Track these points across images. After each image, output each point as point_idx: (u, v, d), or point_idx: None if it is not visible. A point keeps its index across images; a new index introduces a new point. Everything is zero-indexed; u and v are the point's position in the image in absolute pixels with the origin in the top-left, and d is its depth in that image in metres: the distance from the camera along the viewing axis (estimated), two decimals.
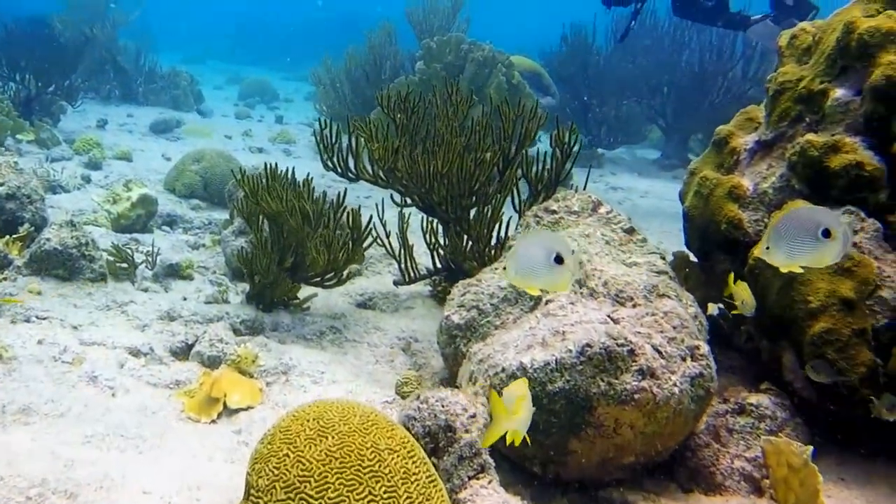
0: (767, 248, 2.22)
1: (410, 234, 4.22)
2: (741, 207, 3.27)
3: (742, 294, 2.66)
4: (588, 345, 2.38)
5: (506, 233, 3.92)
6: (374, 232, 4.05)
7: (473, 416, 2.28)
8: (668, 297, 2.79)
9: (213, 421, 2.88)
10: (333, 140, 4.25)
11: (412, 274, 4.28)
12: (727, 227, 3.25)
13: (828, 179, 2.99)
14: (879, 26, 2.97)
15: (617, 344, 2.38)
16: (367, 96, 9.20)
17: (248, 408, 2.97)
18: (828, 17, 3.38)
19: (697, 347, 2.52)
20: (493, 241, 3.99)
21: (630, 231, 3.19)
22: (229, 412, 2.94)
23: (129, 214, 5.27)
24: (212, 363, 3.32)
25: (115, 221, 5.24)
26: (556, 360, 2.39)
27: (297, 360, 3.37)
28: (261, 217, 3.89)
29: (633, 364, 2.37)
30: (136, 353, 3.33)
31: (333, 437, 1.85)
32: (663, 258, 3.07)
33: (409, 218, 4.21)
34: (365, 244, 4.02)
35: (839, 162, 2.94)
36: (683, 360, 2.46)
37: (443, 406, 2.29)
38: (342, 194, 4.03)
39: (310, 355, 3.46)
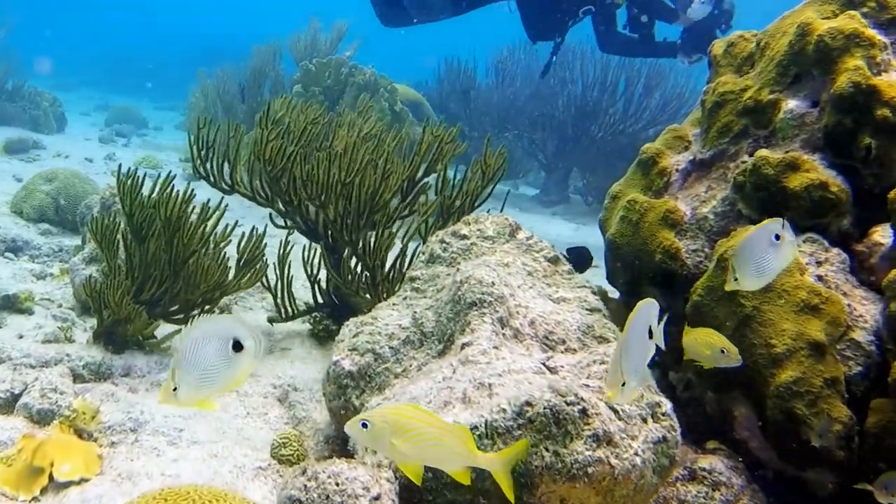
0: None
1: (287, 263, 3.68)
2: (678, 235, 2.83)
3: (717, 341, 2.10)
4: (528, 403, 1.83)
5: (409, 264, 3.38)
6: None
7: (377, 497, 1.74)
8: (607, 339, 2.31)
9: (35, 499, 2.24)
10: (210, 141, 3.69)
11: (290, 310, 3.71)
12: (662, 258, 2.80)
13: (785, 202, 2.55)
14: (842, 28, 2.57)
15: (566, 402, 1.82)
16: (240, 119, 8.55)
17: (82, 480, 2.32)
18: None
19: (658, 404, 2.00)
20: (394, 273, 3.47)
21: (554, 261, 2.71)
22: (56, 486, 2.29)
23: None
24: (42, 418, 2.67)
25: None
26: (486, 424, 1.84)
27: (151, 413, 2.75)
28: (117, 238, 3.28)
29: (587, 428, 1.82)
30: None
31: None
32: (594, 293, 2.60)
33: (291, 247, 3.65)
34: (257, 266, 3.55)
35: (800, 182, 2.51)
36: (644, 421, 1.94)
37: (337, 484, 1.74)
38: (233, 224, 3.53)
39: (166, 407, 2.84)
